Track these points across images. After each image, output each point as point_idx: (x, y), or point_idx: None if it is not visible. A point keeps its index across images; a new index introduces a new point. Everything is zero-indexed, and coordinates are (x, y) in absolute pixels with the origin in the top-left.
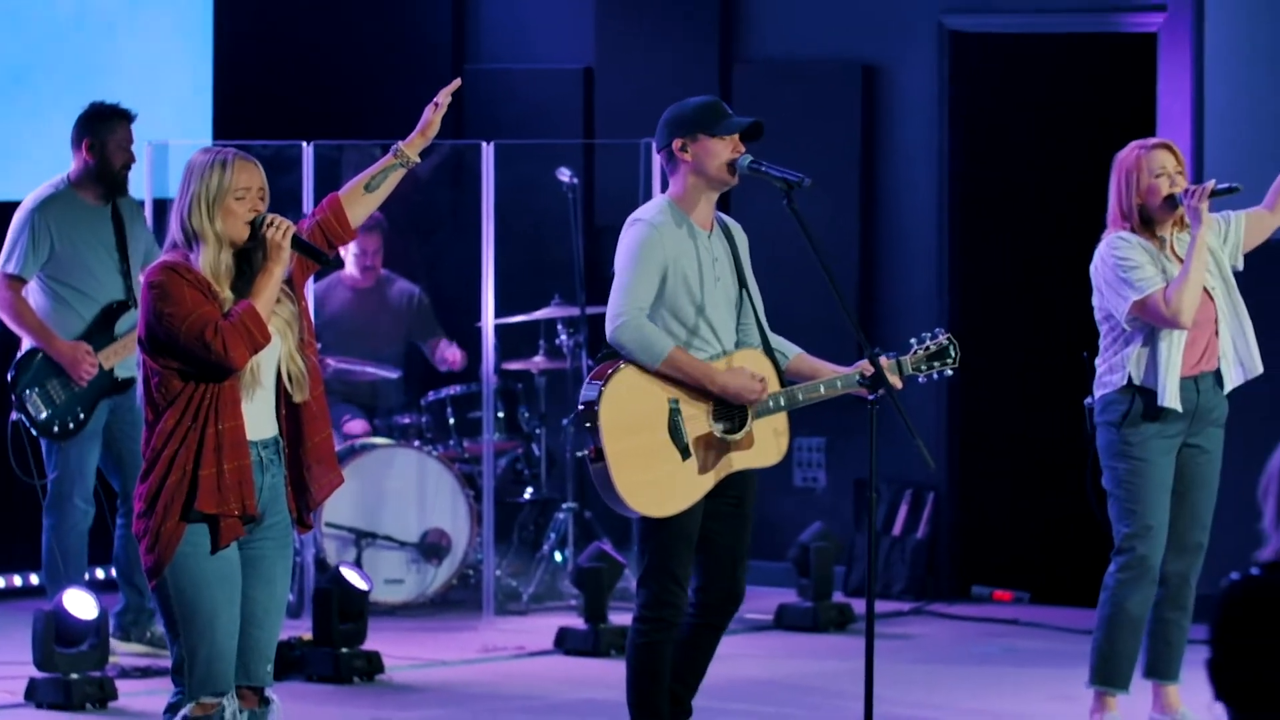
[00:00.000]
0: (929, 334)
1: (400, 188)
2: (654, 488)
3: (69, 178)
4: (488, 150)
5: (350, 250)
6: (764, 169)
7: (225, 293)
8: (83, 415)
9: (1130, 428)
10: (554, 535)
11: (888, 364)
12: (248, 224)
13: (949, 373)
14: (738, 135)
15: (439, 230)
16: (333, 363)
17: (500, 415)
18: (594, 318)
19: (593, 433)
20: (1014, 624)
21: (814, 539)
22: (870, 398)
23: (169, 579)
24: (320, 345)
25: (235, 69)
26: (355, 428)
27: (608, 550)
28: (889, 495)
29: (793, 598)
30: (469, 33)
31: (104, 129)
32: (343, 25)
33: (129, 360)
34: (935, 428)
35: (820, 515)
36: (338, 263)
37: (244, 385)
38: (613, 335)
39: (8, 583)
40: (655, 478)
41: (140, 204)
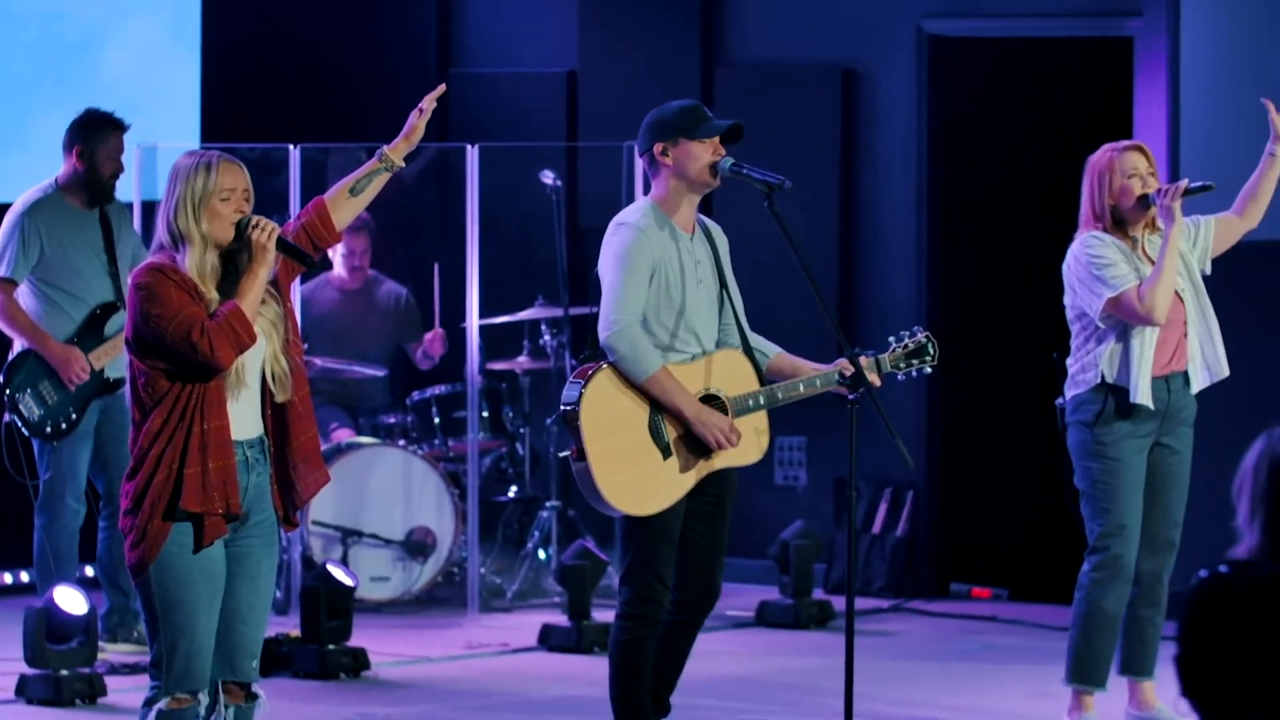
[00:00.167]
0: (907, 332)
1: (386, 190)
2: (636, 487)
3: (57, 181)
4: (472, 153)
5: (338, 251)
6: (745, 171)
7: (211, 294)
8: (75, 416)
9: (1103, 427)
10: (538, 533)
11: (867, 362)
12: (233, 225)
13: (928, 370)
14: (718, 138)
15: (424, 232)
16: (319, 362)
17: (485, 415)
18: (577, 318)
19: (574, 433)
20: (992, 621)
21: (795, 537)
22: (850, 396)
23: (153, 576)
24: (308, 345)
25: (224, 73)
26: (343, 436)
27: (591, 548)
28: (869, 493)
29: (774, 595)
30: (454, 37)
31: (96, 137)
32: (330, 30)
33: (119, 361)
34: (914, 427)
35: (801, 513)
36: (323, 264)
37: (229, 385)
38: (606, 341)
39: None
40: (637, 477)
41: (128, 207)
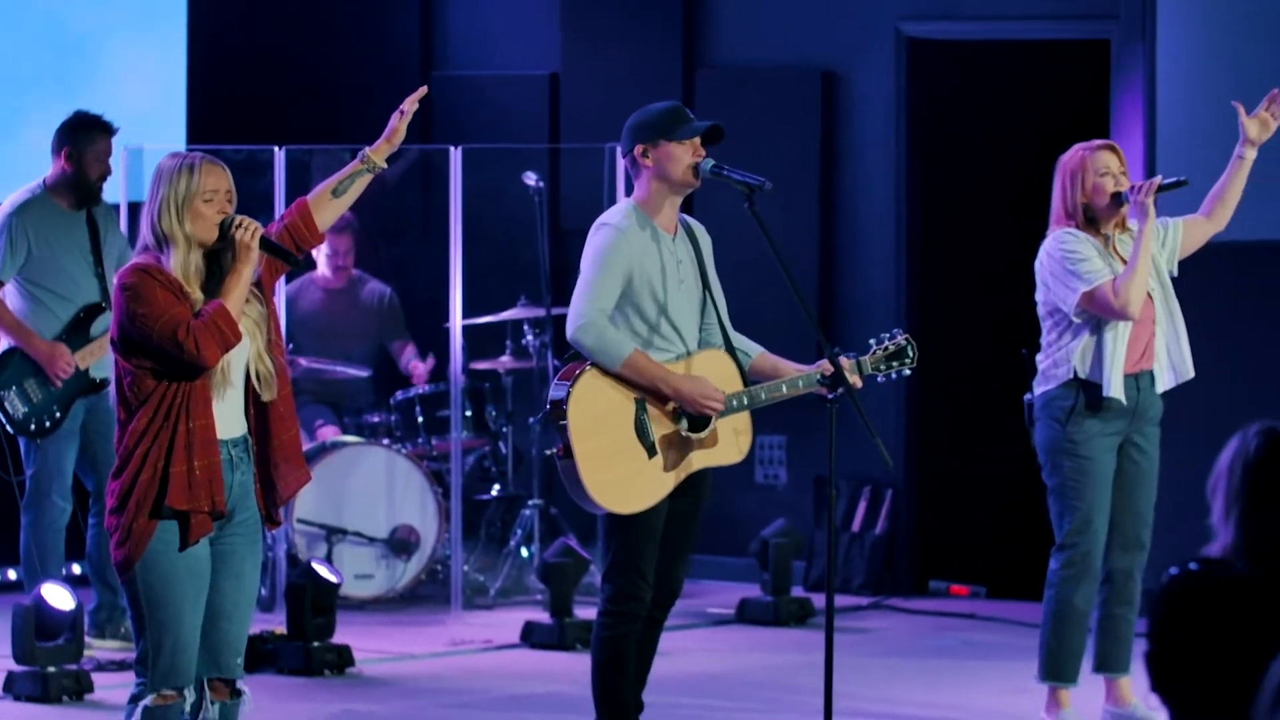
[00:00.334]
0: (888, 335)
1: (369, 191)
2: (621, 485)
3: (45, 182)
4: (455, 155)
5: (322, 250)
6: (726, 172)
7: (196, 293)
8: (59, 413)
9: (1074, 425)
10: (520, 531)
11: (847, 364)
12: (216, 226)
13: (907, 373)
14: (699, 139)
15: (408, 233)
16: (304, 362)
17: (468, 414)
18: (559, 318)
19: (562, 431)
20: (971, 618)
21: (775, 535)
22: (830, 397)
23: (139, 574)
24: (292, 345)
25: (209, 75)
26: (328, 434)
27: (573, 546)
28: (848, 492)
29: (754, 592)
30: (436, 39)
31: (84, 139)
32: (314, 33)
33: (104, 361)
34: (893, 426)
35: (781, 511)
36: (306, 264)
37: (215, 384)
38: (573, 336)
39: None
40: (622, 476)
41: (114, 208)
